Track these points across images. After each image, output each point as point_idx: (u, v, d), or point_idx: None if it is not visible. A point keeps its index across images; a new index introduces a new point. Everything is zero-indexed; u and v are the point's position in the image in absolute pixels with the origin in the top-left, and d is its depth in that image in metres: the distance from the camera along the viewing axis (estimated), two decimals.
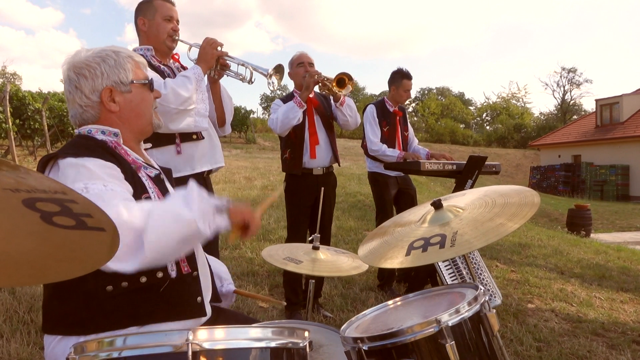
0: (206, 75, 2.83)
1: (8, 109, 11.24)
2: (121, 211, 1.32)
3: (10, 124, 11.22)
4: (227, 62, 2.88)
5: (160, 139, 2.69)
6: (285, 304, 3.92)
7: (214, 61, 2.80)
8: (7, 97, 11.37)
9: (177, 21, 2.89)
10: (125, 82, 1.63)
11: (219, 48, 2.80)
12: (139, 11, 2.86)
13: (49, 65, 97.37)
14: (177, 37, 2.88)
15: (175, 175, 2.58)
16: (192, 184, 1.45)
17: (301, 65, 3.97)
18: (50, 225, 0.81)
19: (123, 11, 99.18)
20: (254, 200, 9.08)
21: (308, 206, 3.96)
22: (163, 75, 2.76)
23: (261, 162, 15.61)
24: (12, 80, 41.97)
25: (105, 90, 1.60)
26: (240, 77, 2.90)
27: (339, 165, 4.19)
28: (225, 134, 3.27)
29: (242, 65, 2.89)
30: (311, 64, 3.99)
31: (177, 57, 3.02)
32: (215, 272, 2.01)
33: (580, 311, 4.42)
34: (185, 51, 3.04)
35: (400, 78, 4.78)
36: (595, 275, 5.79)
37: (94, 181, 1.41)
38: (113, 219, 1.23)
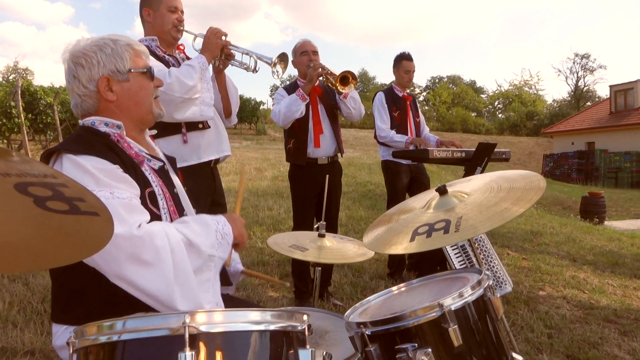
0: (211, 65, 2.84)
1: (20, 104, 11.33)
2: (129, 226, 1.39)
3: (23, 118, 11.32)
4: (232, 51, 2.87)
5: (166, 129, 2.71)
6: (288, 284, 3.94)
7: (219, 50, 2.80)
8: (19, 92, 11.46)
9: (182, 12, 2.91)
10: (122, 71, 1.62)
11: (223, 37, 2.80)
12: (144, 2, 2.89)
13: (60, 60, 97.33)
14: (182, 28, 2.89)
15: (182, 164, 2.66)
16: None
17: (305, 54, 3.95)
18: (44, 210, 0.81)
19: (132, 4, 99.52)
20: (264, 191, 9.11)
21: (314, 196, 3.94)
22: (168, 65, 2.76)
23: (271, 153, 15.62)
24: (24, 75, 42.23)
25: (102, 79, 1.59)
26: (245, 66, 2.90)
27: (342, 155, 4.17)
28: (231, 124, 3.28)
29: (247, 54, 2.89)
30: (315, 52, 3.97)
31: (182, 47, 3.03)
32: None
33: (593, 298, 4.38)
34: (190, 42, 3.05)
35: (399, 60, 4.81)
36: (608, 262, 5.73)
37: (101, 188, 1.42)
38: (120, 231, 1.27)
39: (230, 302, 1.89)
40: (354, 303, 4.08)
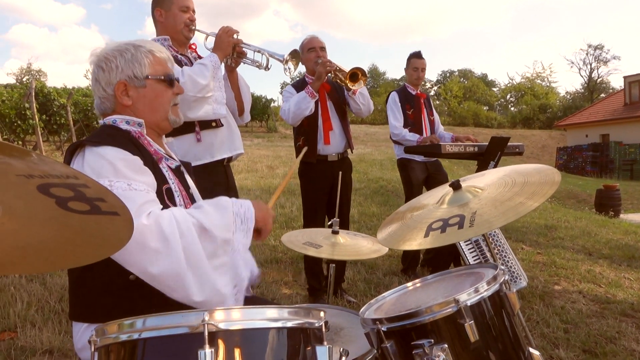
0: (223, 64, 2.85)
1: (34, 105, 11.46)
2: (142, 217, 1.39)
3: (37, 119, 11.44)
4: (243, 49, 2.89)
5: (179, 128, 2.69)
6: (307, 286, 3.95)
7: (230, 49, 2.81)
8: (33, 94, 11.59)
9: (193, 11, 2.92)
10: (139, 77, 1.64)
11: (235, 36, 2.82)
12: (156, 3, 2.91)
13: (73, 61, 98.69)
14: (193, 27, 2.91)
15: (195, 163, 2.68)
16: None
17: (312, 50, 3.93)
18: (66, 210, 0.83)
19: (143, 5, 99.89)
20: (276, 188, 9.12)
21: (325, 193, 3.94)
22: (180, 64, 2.78)
23: (283, 150, 15.65)
24: (38, 77, 42.71)
25: (119, 84, 1.62)
26: (257, 64, 2.91)
27: (352, 152, 4.16)
28: (244, 123, 3.30)
29: (258, 52, 2.90)
30: (322, 48, 3.95)
31: (194, 46, 3.05)
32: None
33: (609, 292, 4.34)
34: (202, 41, 3.07)
35: (409, 58, 4.84)
36: (624, 256, 5.68)
37: (119, 179, 1.44)
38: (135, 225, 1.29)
39: (245, 300, 1.90)
40: (368, 299, 4.07)
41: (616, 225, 7.89)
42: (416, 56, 4.80)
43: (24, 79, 39.93)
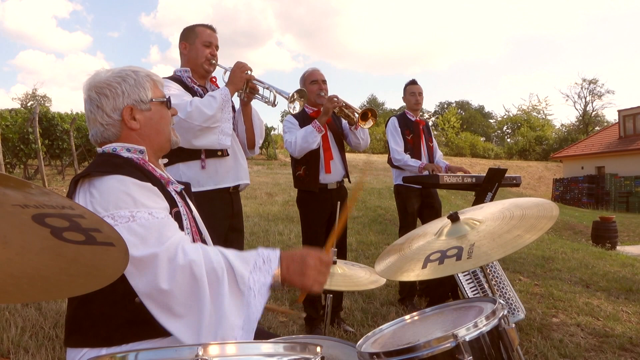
0: (239, 98, 3.01)
1: (37, 130, 11.50)
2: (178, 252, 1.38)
3: (40, 144, 11.47)
4: (255, 85, 3.00)
5: (186, 154, 2.86)
6: (305, 315, 3.89)
7: (242, 84, 2.94)
8: (37, 119, 11.64)
9: (216, 47, 3.09)
10: (145, 100, 1.67)
11: (248, 72, 2.94)
12: (182, 36, 3.10)
13: (77, 87, 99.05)
14: (214, 61, 3.07)
15: (198, 189, 2.83)
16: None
17: (315, 83, 4.00)
18: (61, 240, 0.82)
19: (148, 33, 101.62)
20: (275, 216, 9.11)
21: (324, 221, 3.95)
22: (195, 94, 2.92)
23: (282, 177, 15.67)
24: (42, 102, 42.97)
25: (126, 109, 1.64)
26: (266, 100, 3.03)
27: (349, 181, 4.18)
28: (252, 155, 3.40)
29: (267, 88, 3.02)
30: (324, 82, 4.03)
31: (214, 79, 3.20)
32: None
33: (607, 325, 4.30)
34: (222, 75, 3.18)
35: (405, 86, 4.95)
36: (622, 289, 5.64)
37: (139, 208, 1.43)
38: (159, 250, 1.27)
39: None
40: (365, 329, 4.03)
41: (613, 258, 7.86)
42: (411, 83, 4.92)
43: (29, 104, 40.15)
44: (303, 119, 3.90)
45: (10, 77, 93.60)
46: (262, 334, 2.00)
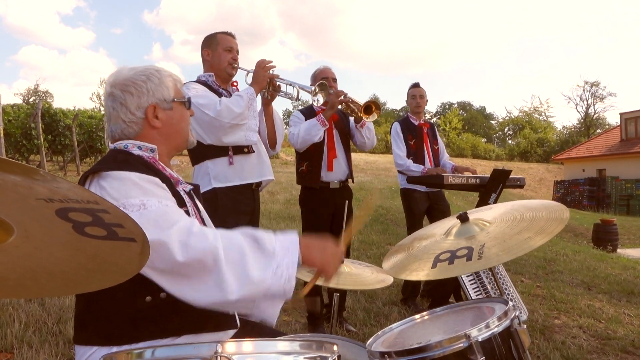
0: (261, 97, 3.13)
1: (40, 125, 11.50)
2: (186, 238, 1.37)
3: (42, 140, 11.47)
4: (278, 82, 3.13)
5: (213, 151, 3.02)
6: (307, 314, 3.88)
7: (266, 82, 3.07)
8: (39, 115, 11.64)
9: (237, 51, 3.22)
10: (167, 100, 1.69)
11: (271, 71, 3.06)
12: (204, 44, 3.25)
13: (79, 83, 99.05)
14: (236, 65, 3.21)
15: (225, 184, 3.03)
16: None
17: (325, 80, 3.98)
18: (82, 235, 0.82)
19: (151, 31, 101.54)
20: (277, 215, 9.10)
21: (327, 220, 3.94)
22: (220, 95, 3.05)
23: (283, 176, 15.63)
24: (45, 98, 42.92)
25: (150, 107, 1.65)
26: (289, 96, 3.17)
27: (353, 182, 4.17)
28: (274, 154, 3.51)
29: (290, 85, 3.16)
30: (334, 80, 4.01)
31: (235, 84, 3.33)
32: None
33: (609, 328, 4.30)
34: (244, 78, 3.30)
35: (408, 90, 4.97)
36: (623, 291, 5.65)
37: (149, 197, 1.44)
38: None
39: (248, 326, 1.87)
40: (368, 329, 4.02)
41: (614, 260, 7.87)
42: (414, 86, 4.93)
43: (31, 100, 40.12)
44: (310, 114, 3.91)
45: (13, 73, 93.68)
46: (268, 331, 1.99)
